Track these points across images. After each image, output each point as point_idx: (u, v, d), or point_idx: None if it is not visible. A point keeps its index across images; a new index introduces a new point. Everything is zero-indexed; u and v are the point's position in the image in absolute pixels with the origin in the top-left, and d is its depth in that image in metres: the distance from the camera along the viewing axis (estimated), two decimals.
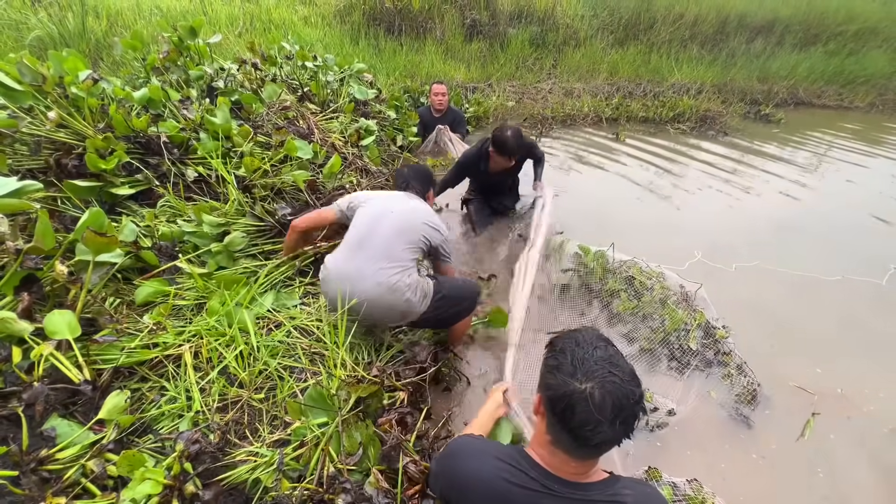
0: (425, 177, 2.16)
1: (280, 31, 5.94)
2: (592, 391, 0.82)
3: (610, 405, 0.81)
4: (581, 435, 0.83)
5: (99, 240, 1.54)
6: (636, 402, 0.84)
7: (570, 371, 0.86)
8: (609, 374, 0.84)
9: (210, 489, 1.17)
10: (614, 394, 0.82)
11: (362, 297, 1.69)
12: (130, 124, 2.29)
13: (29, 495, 1.02)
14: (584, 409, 0.82)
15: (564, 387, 0.85)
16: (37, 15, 4.94)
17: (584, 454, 0.88)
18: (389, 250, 1.77)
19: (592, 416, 0.81)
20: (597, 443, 0.83)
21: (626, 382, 0.84)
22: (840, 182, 4.67)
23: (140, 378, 1.54)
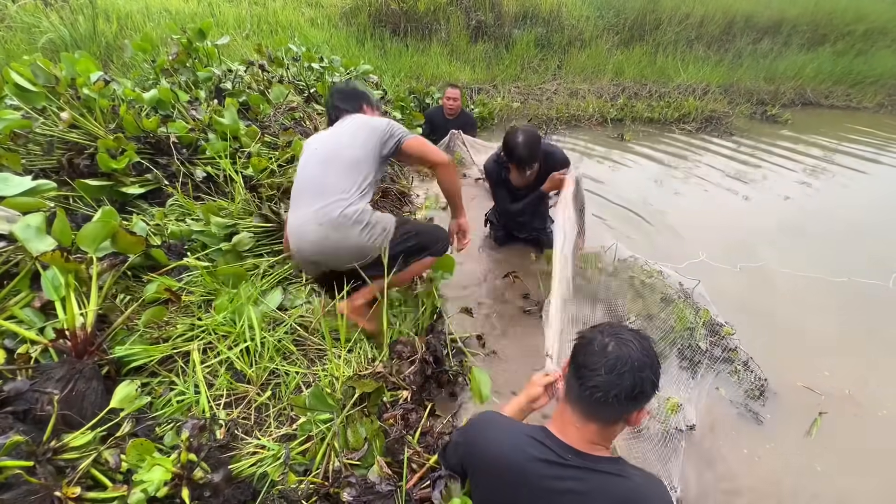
0: (352, 94, 1.94)
1: (287, 33, 6.00)
2: (608, 341, 0.96)
3: (615, 356, 0.93)
4: (582, 374, 0.95)
5: (128, 238, 1.58)
6: (638, 367, 0.92)
7: (600, 329, 1.00)
8: (629, 339, 0.96)
9: (219, 472, 1.20)
10: (624, 351, 0.93)
11: (311, 245, 1.62)
12: (140, 125, 2.33)
13: (44, 485, 1.05)
14: (593, 351, 0.96)
15: (589, 335, 1.00)
16: (49, 18, 5.02)
17: (582, 406, 0.96)
18: (321, 186, 1.62)
19: (596, 358, 0.94)
20: (591, 385, 0.93)
21: (639, 351, 0.94)
22: (847, 183, 4.63)
23: (150, 373, 1.58)
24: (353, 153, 1.68)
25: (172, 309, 1.76)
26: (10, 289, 1.53)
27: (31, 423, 1.21)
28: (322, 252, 1.64)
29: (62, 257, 1.36)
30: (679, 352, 2.25)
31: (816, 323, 2.62)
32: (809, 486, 1.76)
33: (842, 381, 2.21)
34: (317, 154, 1.72)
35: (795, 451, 1.89)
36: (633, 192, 4.12)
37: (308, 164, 1.73)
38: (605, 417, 0.96)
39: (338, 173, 1.64)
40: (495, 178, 2.69)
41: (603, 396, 0.92)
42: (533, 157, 2.38)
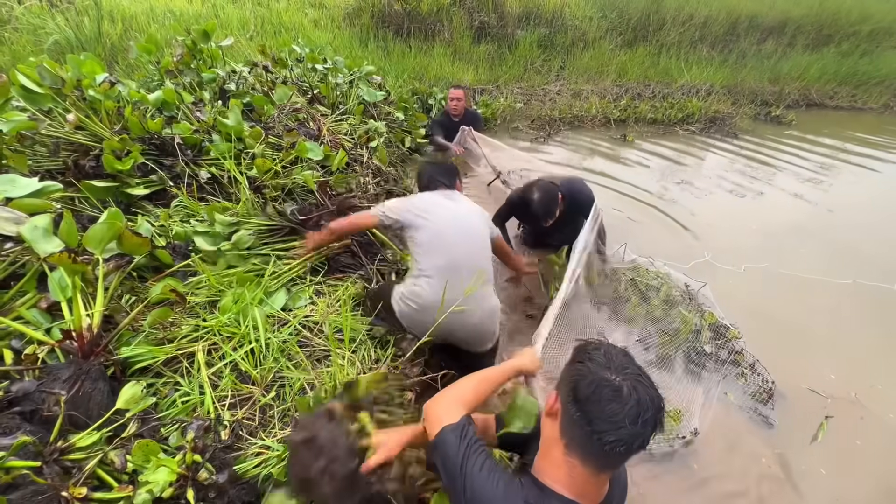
0: (449, 170, 2.07)
1: (290, 35, 6.02)
2: (622, 383, 0.82)
3: (635, 401, 0.80)
4: (601, 428, 0.80)
5: (133, 240, 1.59)
6: (659, 409, 0.82)
7: (603, 363, 0.85)
8: (638, 375, 0.84)
9: (224, 473, 1.20)
10: (641, 392, 0.81)
11: (468, 328, 1.70)
12: (145, 126, 2.34)
13: (51, 485, 1.06)
14: (610, 398, 0.81)
15: (594, 374, 0.84)
16: (54, 20, 5.06)
17: (596, 459, 0.83)
18: (483, 270, 1.73)
19: (616, 407, 0.80)
20: (612, 440, 0.79)
21: (653, 387, 0.84)
22: (851, 185, 4.61)
23: (154, 374, 1.58)
24: (486, 243, 1.85)
25: (177, 310, 1.77)
26: (17, 290, 1.54)
27: (38, 424, 1.22)
28: (469, 332, 1.73)
29: (69, 258, 1.36)
30: (685, 355, 2.24)
31: (821, 325, 2.61)
32: (815, 490, 1.75)
33: (848, 384, 2.21)
34: (462, 229, 1.80)
35: (801, 454, 1.88)
36: (636, 193, 4.11)
37: (459, 240, 1.77)
38: (618, 465, 0.87)
39: (487, 256, 1.81)
40: (514, 207, 2.82)
41: (626, 449, 0.80)
42: (548, 212, 2.50)
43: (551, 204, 2.49)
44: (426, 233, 1.78)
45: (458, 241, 1.76)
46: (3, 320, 1.39)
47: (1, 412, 1.20)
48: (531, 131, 5.56)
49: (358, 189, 2.73)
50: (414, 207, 1.84)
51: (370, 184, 2.89)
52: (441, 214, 1.82)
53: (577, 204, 2.60)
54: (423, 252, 1.77)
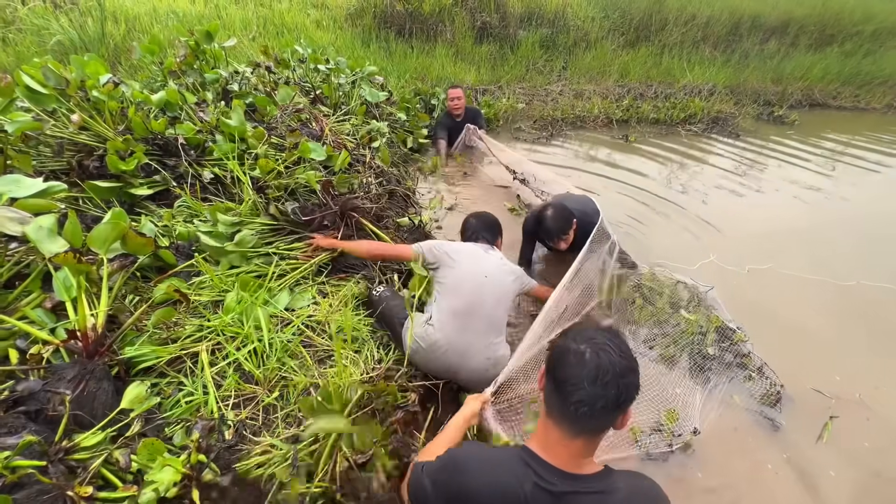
0: (493, 225, 2.19)
1: (293, 35, 6.03)
2: (584, 350, 0.91)
3: (594, 365, 0.89)
4: (563, 390, 0.91)
5: (137, 240, 1.59)
6: (620, 373, 0.89)
7: (573, 336, 0.96)
8: (605, 344, 0.92)
9: (228, 474, 1.21)
10: (602, 358, 0.90)
11: (470, 371, 1.76)
12: (149, 126, 2.35)
13: (57, 484, 1.06)
14: (571, 362, 0.91)
15: (562, 345, 0.96)
16: (58, 20, 5.07)
17: (568, 423, 0.92)
18: (496, 321, 1.84)
19: (575, 371, 0.90)
20: (575, 400, 0.89)
21: (617, 354, 0.91)
22: (855, 185, 4.59)
23: (158, 374, 1.59)
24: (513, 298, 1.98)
25: (181, 310, 1.78)
26: (22, 289, 1.55)
27: (43, 423, 1.23)
28: (472, 375, 1.79)
29: (74, 258, 1.37)
30: (688, 357, 2.23)
31: (826, 327, 2.59)
32: (823, 492, 1.74)
33: (853, 385, 2.19)
34: (489, 284, 1.88)
35: (808, 455, 1.87)
36: (638, 195, 4.11)
37: (483, 290, 1.86)
38: (591, 430, 0.93)
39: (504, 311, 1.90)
40: (529, 233, 2.74)
41: (589, 410, 0.89)
42: (562, 229, 2.44)
43: (565, 225, 2.43)
44: (453, 276, 1.89)
45: (479, 291, 1.84)
46: (8, 320, 1.40)
47: (6, 412, 1.21)
48: (533, 132, 5.56)
49: (360, 189, 2.73)
50: (453, 252, 1.97)
51: (373, 184, 2.89)
52: (472, 264, 1.94)
53: (587, 234, 2.48)
54: (444, 293, 1.87)
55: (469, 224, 2.21)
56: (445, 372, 1.80)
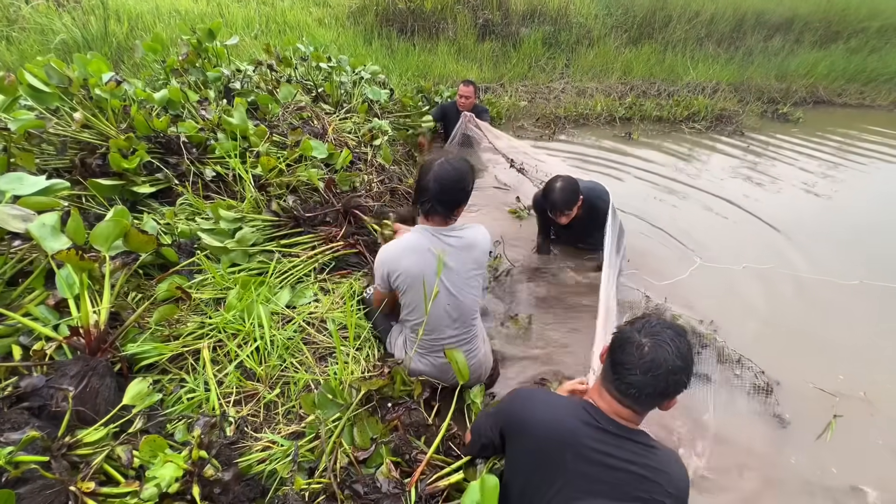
0: (456, 189, 1.58)
1: (295, 33, 6.03)
2: (644, 344, 1.02)
3: (650, 359, 1.00)
4: (618, 371, 1.04)
5: (140, 237, 1.60)
6: (672, 371, 1.00)
7: (639, 327, 1.07)
8: (664, 342, 1.02)
9: (229, 470, 1.21)
10: (659, 354, 1.00)
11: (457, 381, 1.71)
12: (151, 125, 2.36)
13: (59, 479, 1.07)
14: (630, 351, 1.03)
15: (627, 333, 1.07)
16: (61, 19, 5.09)
17: (619, 394, 1.05)
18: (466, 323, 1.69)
19: (632, 359, 1.02)
20: (626, 381, 1.02)
21: (673, 354, 1.01)
22: (859, 184, 4.56)
23: (160, 370, 1.59)
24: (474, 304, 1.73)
25: (183, 307, 1.78)
26: (26, 286, 1.56)
27: (46, 419, 1.23)
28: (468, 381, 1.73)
29: (77, 256, 1.37)
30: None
31: (829, 326, 2.58)
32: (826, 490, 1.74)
33: (857, 384, 2.19)
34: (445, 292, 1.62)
35: (812, 454, 1.87)
36: (639, 192, 4.09)
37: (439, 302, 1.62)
38: (637, 407, 1.06)
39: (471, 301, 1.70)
40: (539, 209, 2.82)
41: (637, 393, 1.02)
42: (567, 203, 2.43)
43: (571, 197, 2.42)
44: (409, 303, 1.68)
45: (440, 314, 1.64)
46: (12, 315, 1.41)
47: (10, 407, 1.21)
48: (536, 129, 5.54)
49: (362, 187, 2.73)
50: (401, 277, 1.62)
51: (374, 182, 2.89)
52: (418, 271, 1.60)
53: (595, 209, 2.51)
54: (407, 318, 1.73)
55: (426, 187, 1.57)
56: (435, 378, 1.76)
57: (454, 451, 1.48)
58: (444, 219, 1.63)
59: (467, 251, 1.65)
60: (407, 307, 1.70)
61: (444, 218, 1.63)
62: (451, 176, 1.57)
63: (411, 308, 1.68)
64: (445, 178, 1.56)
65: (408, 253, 1.62)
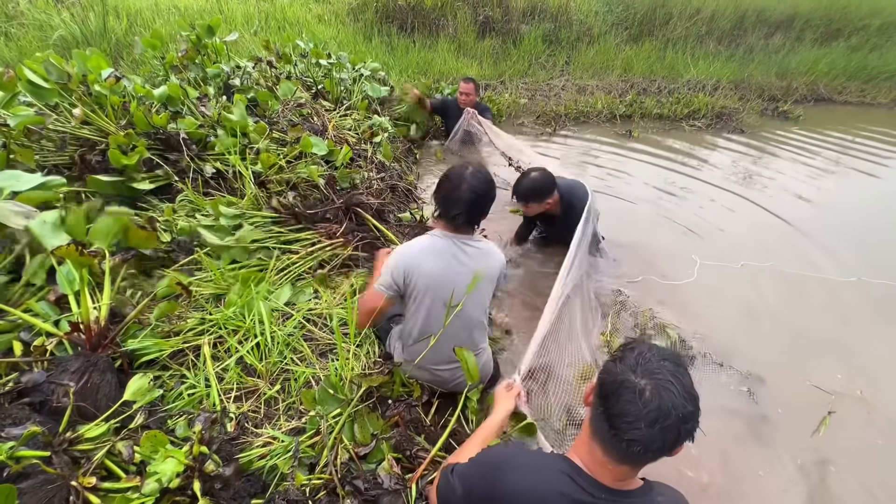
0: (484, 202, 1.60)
1: (294, 30, 6.01)
2: (644, 387, 0.83)
3: (656, 406, 0.81)
4: (617, 425, 0.84)
5: (140, 233, 1.60)
6: (683, 419, 0.82)
7: (632, 365, 0.87)
8: (667, 382, 0.83)
9: (230, 466, 1.21)
10: (664, 399, 0.82)
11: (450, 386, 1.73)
12: (151, 121, 2.35)
13: (61, 475, 1.07)
14: (629, 399, 0.83)
15: (620, 375, 0.87)
16: (60, 15, 5.07)
17: (618, 453, 0.87)
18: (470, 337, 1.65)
19: (633, 409, 0.82)
20: (629, 439, 0.82)
21: (681, 396, 0.83)
22: (858, 181, 4.56)
23: (161, 366, 1.60)
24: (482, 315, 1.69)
25: (183, 303, 1.78)
26: (25, 282, 1.56)
27: (47, 415, 1.24)
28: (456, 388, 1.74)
29: (77, 252, 1.37)
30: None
31: (827, 323, 2.59)
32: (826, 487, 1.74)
33: (854, 381, 2.19)
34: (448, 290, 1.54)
35: (809, 451, 1.87)
36: (637, 190, 4.09)
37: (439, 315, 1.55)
38: (642, 462, 0.88)
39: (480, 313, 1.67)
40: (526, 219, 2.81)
41: (642, 450, 0.83)
42: (528, 195, 2.43)
43: (537, 190, 2.40)
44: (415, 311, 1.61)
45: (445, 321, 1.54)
46: (14, 311, 1.41)
47: (11, 403, 1.22)
48: (536, 127, 5.54)
49: (362, 184, 2.73)
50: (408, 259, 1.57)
51: (374, 179, 2.89)
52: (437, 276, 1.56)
53: (573, 209, 2.45)
54: (408, 321, 1.66)
55: (459, 198, 1.54)
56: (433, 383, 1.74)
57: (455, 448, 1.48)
58: (471, 229, 1.63)
59: (484, 259, 1.62)
60: (414, 313, 1.60)
61: (471, 228, 1.63)
62: (485, 188, 1.57)
63: (420, 315, 1.59)
64: (479, 189, 1.55)
65: (429, 255, 1.55)
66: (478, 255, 1.61)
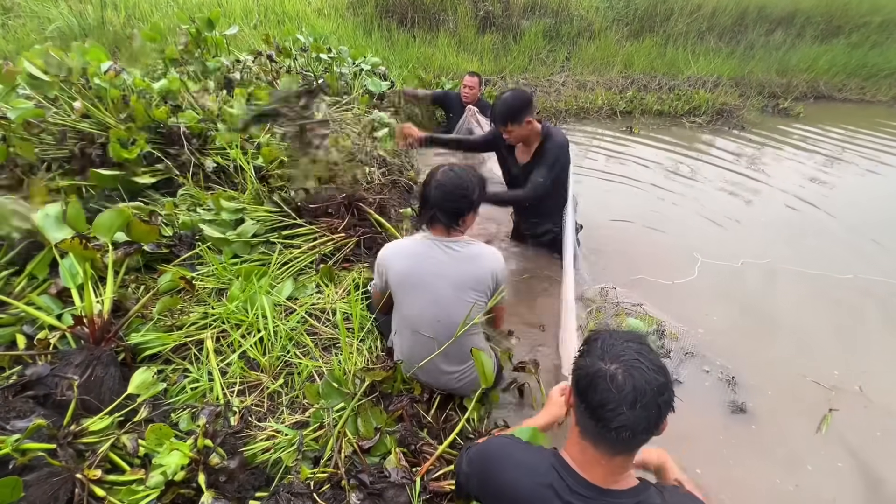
0: (459, 196, 1.53)
1: (294, 24, 5.96)
2: (615, 372, 0.85)
3: (631, 387, 0.83)
4: (601, 416, 0.85)
5: (142, 227, 1.60)
6: (658, 391, 0.84)
7: (598, 354, 0.89)
8: (635, 360, 0.85)
9: (235, 459, 1.22)
10: (636, 378, 0.84)
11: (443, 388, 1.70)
12: (151, 115, 2.34)
13: (66, 467, 1.07)
14: (605, 387, 0.84)
15: (589, 367, 0.88)
16: (57, 7, 5.03)
17: (609, 445, 0.87)
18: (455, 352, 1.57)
19: (612, 396, 0.83)
20: (616, 426, 0.83)
21: (651, 370, 0.85)
22: (858, 179, 4.57)
23: (164, 360, 1.60)
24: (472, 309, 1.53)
25: (186, 297, 1.78)
26: (27, 274, 1.56)
27: (52, 408, 1.24)
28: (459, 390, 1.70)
29: (80, 245, 1.37)
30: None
31: (824, 321, 2.59)
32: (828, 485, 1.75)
33: (852, 378, 2.20)
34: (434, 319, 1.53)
35: (810, 449, 1.88)
36: (640, 187, 4.09)
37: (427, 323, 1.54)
38: (634, 448, 0.89)
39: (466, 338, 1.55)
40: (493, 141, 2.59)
41: (631, 434, 0.84)
42: (506, 117, 2.23)
43: (522, 105, 2.20)
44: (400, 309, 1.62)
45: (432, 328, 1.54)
46: (17, 304, 1.41)
47: (15, 396, 1.22)
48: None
49: (364, 179, 2.72)
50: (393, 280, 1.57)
51: (376, 174, 2.88)
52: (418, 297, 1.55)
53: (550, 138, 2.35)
54: (397, 323, 1.65)
55: (428, 195, 1.55)
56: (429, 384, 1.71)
57: (460, 445, 1.49)
58: (446, 228, 1.55)
59: (467, 263, 1.54)
60: (396, 310, 1.64)
61: (445, 227, 1.55)
62: (454, 182, 1.51)
63: (399, 312, 1.62)
64: (447, 184, 1.51)
65: (404, 254, 1.57)
66: (460, 258, 1.53)
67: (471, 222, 1.62)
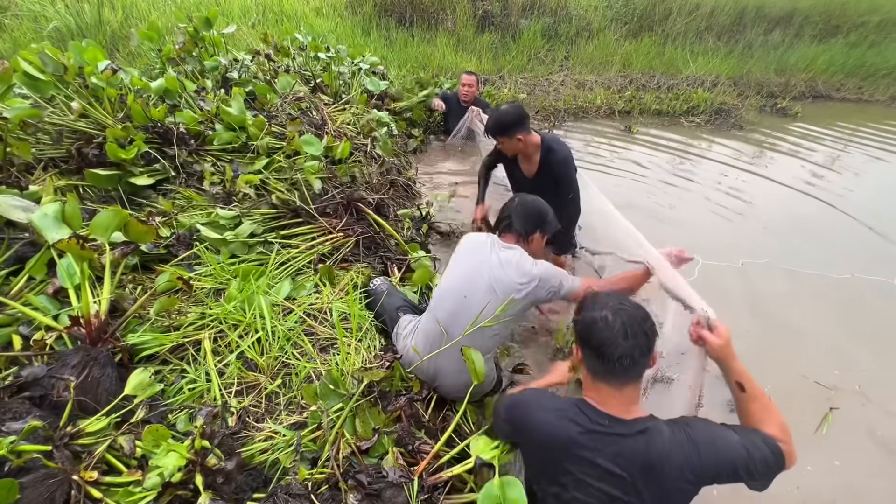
0: (532, 214, 1.76)
1: (292, 23, 5.96)
2: (606, 315, 1.07)
3: (619, 323, 1.05)
4: (604, 353, 1.05)
5: (140, 227, 1.59)
6: (642, 320, 1.07)
7: (591, 307, 1.12)
8: (618, 304, 1.09)
9: (232, 460, 1.21)
10: (623, 315, 1.06)
11: (446, 387, 1.70)
12: (148, 114, 2.33)
13: (62, 469, 1.07)
14: (602, 328, 1.06)
15: (586, 318, 1.10)
16: (54, 6, 5.01)
17: (616, 376, 1.06)
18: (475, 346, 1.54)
19: (608, 333, 1.05)
20: (618, 357, 1.03)
21: (632, 307, 1.09)
22: (856, 178, 4.58)
23: (161, 361, 1.59)
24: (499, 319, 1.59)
25: (183, 298, 1.77)
26: (25, 274, 1.55)
27: (48, 409, 1.23)
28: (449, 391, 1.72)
29: (77, 245, 1.36)
30: None
31: (824, 320, 2.60)
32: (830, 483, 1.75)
33: (852, 377, 2.21)
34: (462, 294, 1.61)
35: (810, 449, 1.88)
36: (639, 186, 4.09)
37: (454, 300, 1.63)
38: (637, 375, 1.08)
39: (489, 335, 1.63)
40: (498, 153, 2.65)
41: (631, 360, 1.04)
42: (496, 130, 2.32)
43: (514, 121, 2.25)
44: (440, 289, 1.72)
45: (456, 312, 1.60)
46: (13, 304, 1.40)
47: (11, 397, 1.21)
48: (535, 122, 5.52)
49: (362, 179, 2.72)
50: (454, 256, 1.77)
51: (374, 174, 2.88)
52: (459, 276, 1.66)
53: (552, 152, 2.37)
54: (430, 306, 1.73)
55: (506, 208, 1.81)
56: (431, 383, 1.72)
57: (455, 442, 1.49)
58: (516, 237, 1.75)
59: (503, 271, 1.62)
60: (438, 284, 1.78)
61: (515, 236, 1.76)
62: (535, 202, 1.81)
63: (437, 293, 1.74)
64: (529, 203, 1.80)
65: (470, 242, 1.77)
66: (500, 262, 1.65)
67: (538, 245, 1.80)
